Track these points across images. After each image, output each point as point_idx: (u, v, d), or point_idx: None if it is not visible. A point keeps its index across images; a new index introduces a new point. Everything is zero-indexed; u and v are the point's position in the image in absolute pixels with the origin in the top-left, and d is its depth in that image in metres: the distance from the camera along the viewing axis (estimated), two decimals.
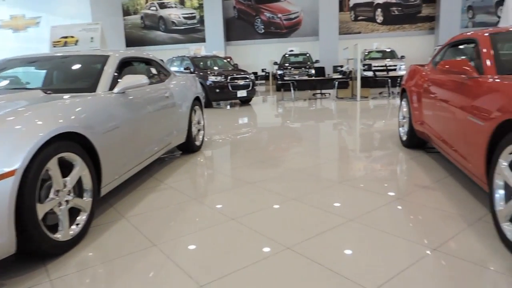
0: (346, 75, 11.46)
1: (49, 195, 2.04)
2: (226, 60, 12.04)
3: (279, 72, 13.63)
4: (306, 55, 15.42)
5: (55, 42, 9.67)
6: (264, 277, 1.87)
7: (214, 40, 19.08)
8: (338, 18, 17.55)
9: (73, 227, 2.24)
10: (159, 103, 3.67)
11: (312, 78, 12.23)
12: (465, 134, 2.63)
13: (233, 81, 9.83)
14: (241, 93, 9.94)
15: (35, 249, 1.96)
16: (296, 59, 15.25)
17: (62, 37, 9.65)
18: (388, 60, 13.72)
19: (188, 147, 4.59)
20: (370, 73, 12.64)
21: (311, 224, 2.46)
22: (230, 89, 9.77)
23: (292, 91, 11.37)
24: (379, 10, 17.88)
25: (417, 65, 4.63)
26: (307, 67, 13.83)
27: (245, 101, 10.81)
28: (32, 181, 1.89)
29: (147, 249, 2.20)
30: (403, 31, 17.75)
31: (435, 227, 2.35)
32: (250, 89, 10.14)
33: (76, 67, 3.33)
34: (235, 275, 1.90)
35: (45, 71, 3.41)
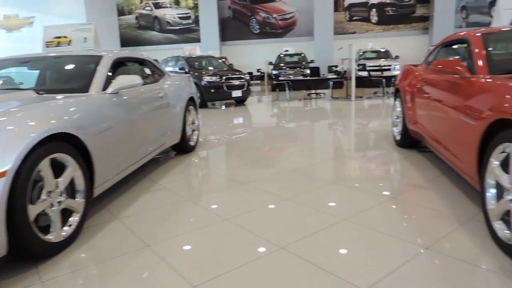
0: (341, 75, 11.49)
1: (41, 196, 2.03)
2: (221, 60, 12.03)
3: (274, 72, 13.65)
4: (301, 55, 15.46)
5: (48, 42, 9.61)
6: (257, 277, 1.87)
7: (209, 40, 19.07)
8: (333, 18, 17.61)
9: (65, 228, 2.22)
10: (153, 104, 3.66)
11: (307, 78, 12.25)
12: (458, 133, 2.64)
13: (228, 81, 9.82)
14: (236, 93, 9.94)
15: (27, 250, 1.95)
16: (291, 59, 15.28)
17: (55, 37, 9.59)
18: (382, 60, 13.78)
19: (183, 148, 4.58)
20: (364, 73, 12.70)
21: (305, 224, 2.46)
22: (225, 89, 9.76)
23: (287, 91, 11.38)
24: (373, 10, 17.96)
25: (411, 65, 4.66)
26: (302, 67, 13.87)
27: (240, 101, 10.80)
28: (24, 182, 1.88)
29: (140, 250, 2.19)
30: (397, 31, 17.84)
31: (428, 226, 2.36)
32: (245, 89, 10.13)
33: (69, 67, 3.32)
34: (228, 275, 1.90)
35: (38, 71, 3.39)
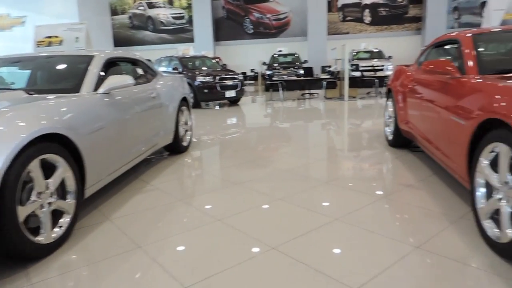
0: (334, 75, 11.53)
1: (30, 197, 2.01)
2: (214, 61, 12.01)
3: (268, 72, 13.64)
4: (294, 56, 15.48)
5: (39, 42, 9.52)
6: (249, 278, 1.87)
7: (203, 40, 19.03)
8: (326, 19, 17.67)
9: (56, 229, 2.20)
10: (145, 104, 3.64)
11: (300, 78, 12.27)
12: (448, 133, 2.67)
13: (222, 81, 9.81)
14: (230, 94, 9.92)
15: (16, 252, 1.93)
16: (285, 59, 15.30)
17: (46, 37, 9.49)
18: (375, 60, 13.84)
19: (175, 148, 4.57)
20: (357, 73, 12.75)
21: (297, 224, 2.46)
22: (219, 89, 9.74)
23: (280, 91, 11.40)
24: (367, 10, 18.05)
25: (403, 65, 4.68)
26: (296, 67, 13.88)
27: (233, 102, 10.79)
28: (13, 183, 1.86)
29: (132, 251, 2.18)
30: (390, 31, 17.94)
31: (419, 225, 2.38)
32: (238, 89, 10.12)
33: (61, 67, 3.29)
34: (219, 276, 1.89)
35: (29, 71, 3.36)
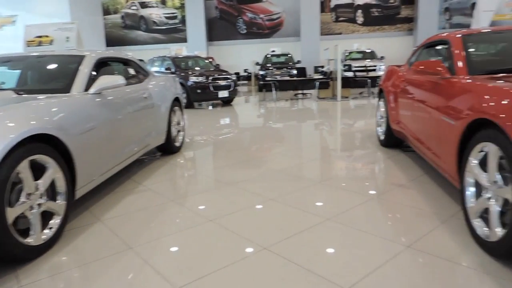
0: (327, 76, 11.57)
1: (20, 199, 1.98)
2: (207, 61, 11.99)
3: (261, 73, 13.65)
4: (287, 56, 15.51)
5: (29, 41, 9.41)
6: (241, 278, 1.87)
7: (196, 40, 18.99)
8: (319, 19, 17.73)
9: (45, 231, 2.18)
10: (137, 104, 3.62)
11: (293, 79, 12.30)
12: (439, 133, 2.69)
13: (215, 81, 9.79)
14: (223, 94, 9.91)
15: (5, 254, 1.91)
16: (278, 59, 15.31)
17: (36, 37, 9.38)
18: (368, 60, 13.91)
19: (168, 148, 4.55)
20: (350, 74, 12.82)
21: (289, 224, 2.47)
22: (212, 89, 9.72)
23: (273, 91, 11.41)
24: (359, 11, 18.14)
25: (394, 66, 4.71)
26: (289, 67, 13.91)
27: (227, 102, 10.78)
28: (2, 184, 1.84)
29: (123, 252, 2.17)
30: (382, 32, 18.05)
31: (410, 224, 2.39)
32: (231, 89, 10.11)
33: (51, 67, 3.26)
34: (211, 276, 1.89)
35: (19, 71, 3.32)
